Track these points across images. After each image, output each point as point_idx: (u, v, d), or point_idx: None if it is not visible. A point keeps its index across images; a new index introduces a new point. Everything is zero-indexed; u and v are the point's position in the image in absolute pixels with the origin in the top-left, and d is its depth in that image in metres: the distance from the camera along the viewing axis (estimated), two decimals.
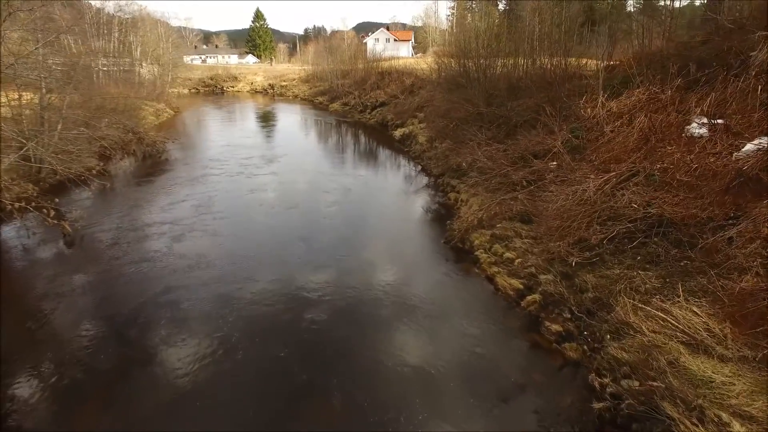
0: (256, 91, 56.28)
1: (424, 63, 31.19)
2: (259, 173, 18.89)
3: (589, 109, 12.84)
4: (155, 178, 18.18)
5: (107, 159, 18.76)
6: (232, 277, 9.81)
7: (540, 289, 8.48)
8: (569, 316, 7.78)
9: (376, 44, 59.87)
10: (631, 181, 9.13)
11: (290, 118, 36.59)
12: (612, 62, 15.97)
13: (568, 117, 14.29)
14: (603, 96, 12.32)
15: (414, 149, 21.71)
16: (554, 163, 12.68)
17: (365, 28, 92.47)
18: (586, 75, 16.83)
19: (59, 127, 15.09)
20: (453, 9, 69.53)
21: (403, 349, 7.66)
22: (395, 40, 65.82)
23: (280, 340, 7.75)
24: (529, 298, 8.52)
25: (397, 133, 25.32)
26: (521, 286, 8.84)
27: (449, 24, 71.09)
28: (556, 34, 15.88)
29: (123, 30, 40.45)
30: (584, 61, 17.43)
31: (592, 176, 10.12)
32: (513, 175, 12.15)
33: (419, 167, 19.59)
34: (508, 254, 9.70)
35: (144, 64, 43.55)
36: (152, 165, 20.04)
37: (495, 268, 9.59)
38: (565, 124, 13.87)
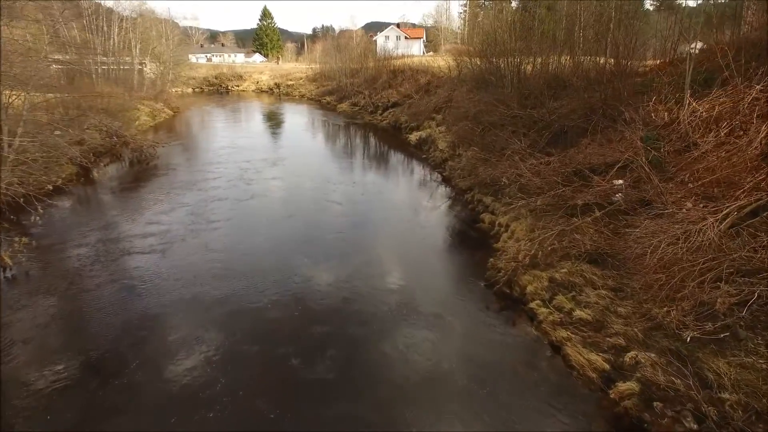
0: (262, 91, 54.07)
1: (442, 60, 28.56)
2: (260, 180, 16.79)
3: (664, 113, 10.15)
4: (143, 185, 16.09)
5: (87, 166, 16.47)
6: (224, 304, 8.22)
7: (638, 374, 5.86)
8: (696, 427, 5.15)
9: (387, 42, 57.28)
10: (761, 216, 6.46)
11: (295, 119, 34.20)
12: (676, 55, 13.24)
13: (630, 123, 11.63)
14: (688, 95, 9.61)
15: (433, 156, 19.12)
16: (619, 181, 10.04)
17: (373, 28, 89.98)
18: (639, 72, 14.15)
19: (20, 131, 12.79)
20: (465, 7, 67.21)
21: None
22: (406, 37, 63.23)
23: (271, 394, 6.09)
24: (621, 386, 5.90)
25: (413, 136, 22.74)
26: (607, 366, 6.23)
27: (462, 22, 68.71)
28: (615, 16, 13.16)
29: (123, 27, 38.41)
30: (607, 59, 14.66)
31: (689, 204, 7.47)
32: (572, 196, 9.52)
33: (440, 177, 17.00)
34: (579, 313, 7.07)
35: (147, 63, 41.76)
36: (140, 172, 17.76)
37: (562, 332, 6.97)
38: (628, 130, 11.22)
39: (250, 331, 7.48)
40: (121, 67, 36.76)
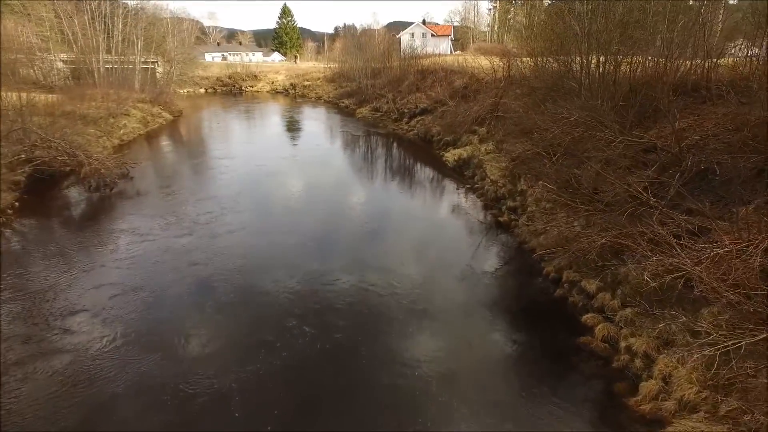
0: (277, 92, 50.10)
1: (485, 59, 23.58)
2: (255, 209, 12.70)
3: None
4: (95, 219, 12.04)
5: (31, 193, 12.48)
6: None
7: None
8: None
9: (412, 39, 52.39)
10: None
11: (307, 127, 29.74)
12: None
13: None
14: None
15: (481, 188, 14.23)
16: None
17: (396, 28, 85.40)
18: None
19: None
20: (495, 2, 62.34)
21: None
22: (433, 35, 58.21)
23: None
24: None
25: (450, 155, 17.88)
26: None
27: (491, 18, 63.58)
28: None
29: (127, 22, 35.00)
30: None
31: None
32: None
33: (494, 220, 12.16)
34: None
35: (159, 62, 38.41)
36: (99, 200, 13.59)
37: None
38: None
39: None
40: (127, 66, 33.48)
